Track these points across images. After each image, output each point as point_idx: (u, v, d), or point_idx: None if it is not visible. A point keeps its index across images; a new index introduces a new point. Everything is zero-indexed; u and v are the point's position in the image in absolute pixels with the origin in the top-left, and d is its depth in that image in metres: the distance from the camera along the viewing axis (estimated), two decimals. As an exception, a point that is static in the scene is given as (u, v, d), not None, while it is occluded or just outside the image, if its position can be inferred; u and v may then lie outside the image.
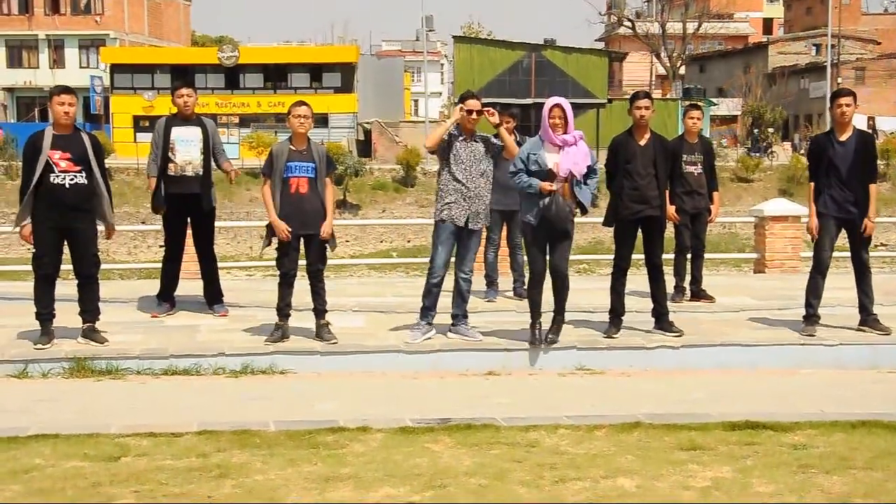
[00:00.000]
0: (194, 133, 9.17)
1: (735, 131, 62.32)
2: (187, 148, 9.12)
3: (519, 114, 10.75)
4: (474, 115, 8.46)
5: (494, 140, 8.62)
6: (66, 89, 8.22)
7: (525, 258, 10.51)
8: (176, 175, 9.12)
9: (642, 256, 8.90)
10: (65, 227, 8.05)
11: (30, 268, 8.37)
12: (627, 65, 71.22)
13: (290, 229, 8.19)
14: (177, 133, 9.14)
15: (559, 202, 8.00)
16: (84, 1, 61.48)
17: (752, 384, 7.83)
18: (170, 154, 9.11)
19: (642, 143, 8.69)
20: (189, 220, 9.41)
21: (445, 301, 8.68)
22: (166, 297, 9.57)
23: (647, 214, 8.64)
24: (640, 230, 8.77)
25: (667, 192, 10.14)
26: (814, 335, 8.73)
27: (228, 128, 51.86)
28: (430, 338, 8.48)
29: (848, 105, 8.64)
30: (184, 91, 9.25)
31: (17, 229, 8.13)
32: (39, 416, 6.49)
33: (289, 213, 8.22)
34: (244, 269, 20.67)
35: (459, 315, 8.64)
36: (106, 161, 8.77)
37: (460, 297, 8.60)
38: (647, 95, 8.91)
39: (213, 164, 9.32)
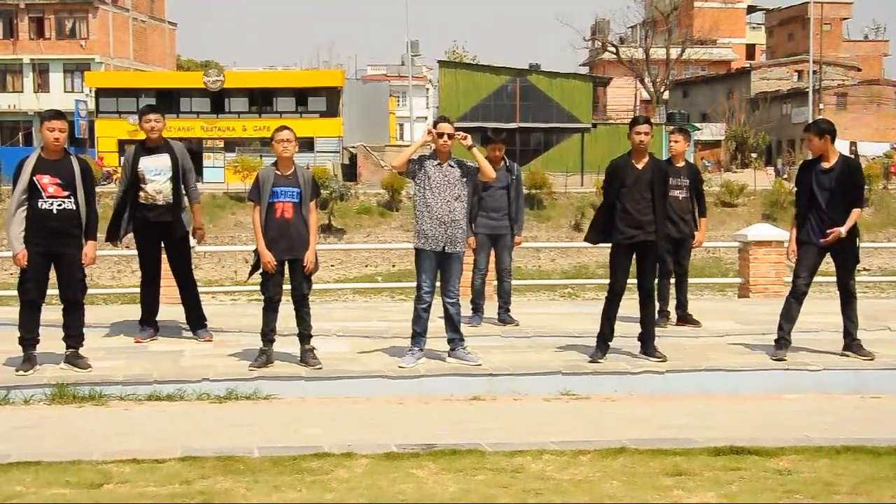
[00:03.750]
0: (163, 162, 9.09)
1: (718, 156, 62.70)
2: (157, 178, 9.07)
3: (506, 138, 10.77)
4: (445, 139, 8.45)
5: (470, 163, 8.62)
6: (57, 114, 8.17)
7: (511, 283, 10.55)
8: (147, 203, 9.09)
9: (632, 280, 8.89)
10: (52, 252, 8.02)
11: (15, 293, 8.33)
12: (612, 90, 71.66)
13: (274, 262, 8.22)
14: (144, 164, 9.07)
15: None
16: (69, 25, 61.50)
17: (736, 409, 7.84)
18: (140, 184, 9.08)
19: (640, 166, 8.69)
20: (164, 246, 9.37)
21: (439, 324, 8.68)
22: (148, 323, 9.52)
23: (641, 239, 8.64)
24: (635, 254, 8.77)
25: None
26: (784, 359, 8.74)
27: (213, 152, 51.89)
28: (422, 363, 8.47)
29: (810, 140, 8.77)
30: (151, 117, 9.17)
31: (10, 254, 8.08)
32: (21, 442, 6.43)
33: (274, 237, 8.25)
34: (228, 294, 20.65)
35: (456, 339, 8.62)
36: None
37: (450, 322, 8.58)
38: (648, 120, 8.88)
39: (183, 189, 9.23)
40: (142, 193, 9.09)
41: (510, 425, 7.15)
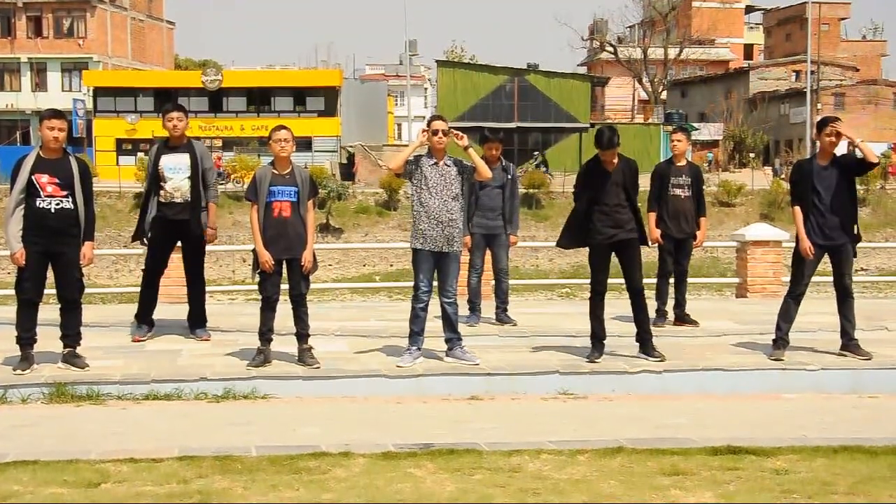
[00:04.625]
0: (182, 161, 9.14)
1: (717, 155, 62.72)
2: (175, 175, 9.10)
3: (503, 137, 10.79)
4: (440, 137, 8.43)
5: (466, 163, 8.60)
6: (56, 113, 8.16)
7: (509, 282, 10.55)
8: (165, 201, 9.13)
9: (623, 281, 8.89)
10: (50, 252, 8.02)
11: (12, 292, 8.32)
12: (610, 89, 71.65)
13: (272, 261, 8.22)
14: (165, 161, 9.14)
15: None
16: (67, 24, 61.45)
17: (734, 409, 7.84)
18: (160, 181, 9.11)
19: (611, 169, 8.69)
20: (180, 243, 9.39)
21: (437, 324, 8.66)
22: (144, 319, 9.52)
23: (620, 238, 8.65)
24: (616, 254, 8.77)
25: (653, 213, 10.25)
26: (781, 360, 8.76)
27: (212, 151, 51.77)
28: (420, 362, 8.47)
29: (838, 134, 8.72)
30: (174, 115, 9.22)
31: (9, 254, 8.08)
32: (18, 441, 6.43)
33: (272, 237, 8.25)
34: (226, 293, 20.63)
35: (454, 339, 8.62)
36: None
37: (448, 321, 8.58)
38: (612, 144, 8.55)
39: (202, 189, 9.26)
40: (161, 192, 9.12)
41: (508, 425, 7.15)
